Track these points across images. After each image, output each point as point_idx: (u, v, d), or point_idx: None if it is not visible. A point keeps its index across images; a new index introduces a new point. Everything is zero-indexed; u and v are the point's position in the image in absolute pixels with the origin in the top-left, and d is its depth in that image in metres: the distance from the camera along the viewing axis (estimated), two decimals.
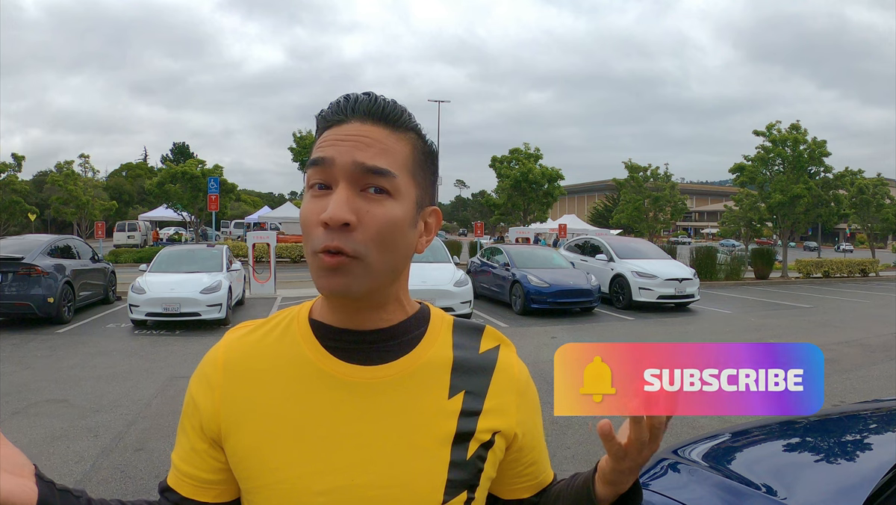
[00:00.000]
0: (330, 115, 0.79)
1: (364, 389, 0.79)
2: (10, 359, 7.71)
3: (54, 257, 10.70)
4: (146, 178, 40.70)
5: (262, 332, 0.85)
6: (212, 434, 0.81)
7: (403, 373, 0.80)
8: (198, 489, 0.83)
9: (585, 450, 4.70)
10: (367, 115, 0.77)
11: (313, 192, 0.76)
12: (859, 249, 45.83)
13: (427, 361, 0.82)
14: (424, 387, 0.81)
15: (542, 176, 26.14)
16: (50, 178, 26.68)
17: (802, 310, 13.77)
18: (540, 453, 0.93)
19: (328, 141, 0.77)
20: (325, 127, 0.79)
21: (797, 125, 22.14)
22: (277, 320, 0.86)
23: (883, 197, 28.35)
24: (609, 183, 37.52)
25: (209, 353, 0.86)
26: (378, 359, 0.80)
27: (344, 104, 0.78)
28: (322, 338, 0.81)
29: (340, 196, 0.74)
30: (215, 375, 0.82)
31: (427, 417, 0.79)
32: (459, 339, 0.86)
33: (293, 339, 0.82)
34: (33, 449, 4.58)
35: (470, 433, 0.81)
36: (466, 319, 0.91)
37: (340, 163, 0.75)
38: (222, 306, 10.20)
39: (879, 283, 22.09)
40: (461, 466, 0.80)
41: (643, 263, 13.62)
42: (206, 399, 0.82)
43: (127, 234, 35.64)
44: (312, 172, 0.77)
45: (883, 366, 7.65)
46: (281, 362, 0.81)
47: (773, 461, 1.92)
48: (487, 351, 0.87)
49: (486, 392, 0.84)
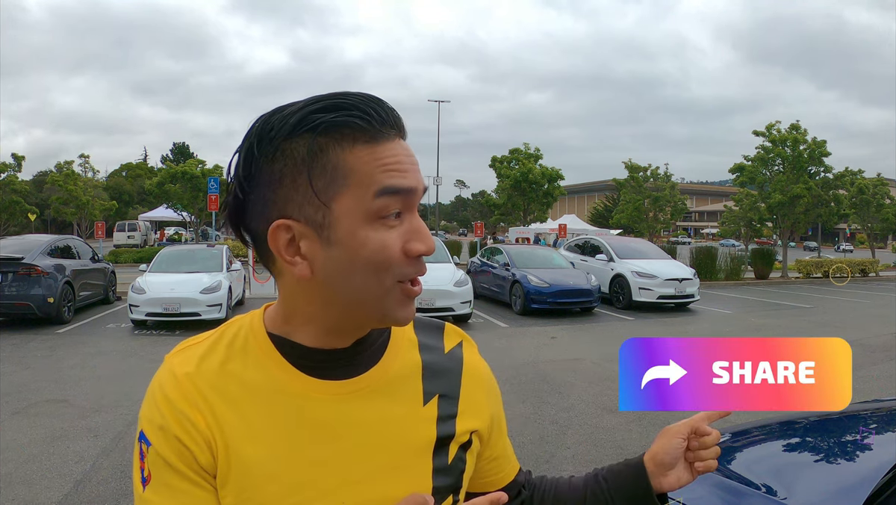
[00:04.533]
0: (377, 127, 0.68)
1: (339, 406, 0.74)
2: (10, 359, 7.71)
3: (54, 257, 10.70)
4: (146, 178, 40.66)
5: (219, 354, 0.75)
6: (211, 470, 0.72)
7: (376, 384, 0.76)
8: None
9: (585, 450, 4.70)
10: (400, 127, 0.71)
11: (390, 221, 0.68)
12: (859, 249, 45.79)
13: (397, 368, 0.79)
14: (397, 397, 0.77)
15: (542, 176, 26.13)
16: (50, 178, 26.67)
17: (802, 310, 13.77)
18: (504, 448, 0.92)
19: (402, 164, 0.68)
20: (366, 141, 0.67)
21: (797, 125, 22.14)
22: (229, 338, 0.77)
23: (883, 197, 28.32)
24: (609, 183, 37.50)
25: (171, 380, 0.73)
26: (347, 373, 0.75)
27: (388, 117, 0.69)
28: (288, 356, 0.74)
29: (423, 224, 0.71)
30: (190, 407, 0.71)
31: (405, 428, 0.77)
32: (423, 338, 0.84)
33: (255, 359, 0.74)
34: (33, 449, 4.58)
35: (449, 437, 0.79)
36: (424, 316, 0.87)
37: (419, 190, 0.70)
38: (222, 306, 10.21)
39: (879, 283, 22.09)
40: (444, 472, 0.78)
41: (643, 263, 13.61)
42: (191, 436, 0.71)
43: (127, 234, 35.63)
44: (391, 201, 0.67)
45: (883, 366, 7.65)
46: (249, 388, 0.73)
47: (773, 461, 1.92)
48: (452, 350, 0.85)
49: (458, 393, 0.82)
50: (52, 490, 3.88)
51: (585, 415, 5.54)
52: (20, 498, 3.78)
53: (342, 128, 0.66)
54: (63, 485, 3.96)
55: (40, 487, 3.92)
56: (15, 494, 3.83)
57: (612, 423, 5.31)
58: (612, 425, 5.25)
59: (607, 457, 4.55)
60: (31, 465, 4.29)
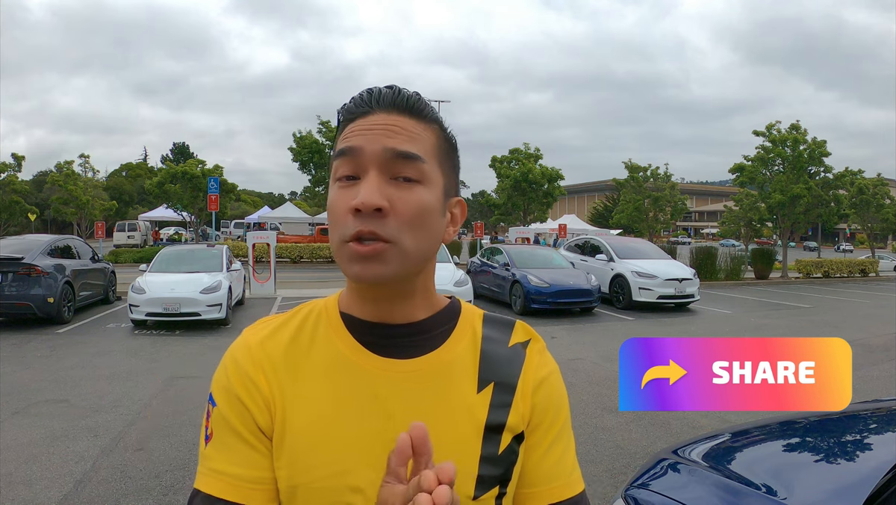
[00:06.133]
0: (354, 107, 0.78)
1: (396, 383, 0.78)
2: (10, 359, 7.71)
3: (54, 257, 10.69)
4: (146, 178, 40.69)
5: (291, 328, 0.82)
6: (269, 432, 0.78)
7: (433, 367, 0.80)
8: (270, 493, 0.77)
9: (586, 450, 4.69)
10: (393, 105, 0.77)
11: (341, 183, 0.76)
12: (859, 249, 45.79)
13: (456, 355, 0.81)
14: (453, 381, 0.80)
15: (542, 176, 26.14)
16: (50, 178, 26.67)
17: (802, 310, 13.77)
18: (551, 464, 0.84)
19: (355, 131, 0.76)
20: (349, 120, 0.78)
21: (797, 125, 22.14)
22: (303, 316, 0.84)
23: (883, 197, 28.35)
24: (609, 183, 37.52)
25: (243, 348, 0.81)
26: (408, 353, 0.80)
27: (367, 97, 0.78)
28: (355, 332, 0.80)
29: (371, 182, 0.73)
30: (257, 371, 0.79)
31: (456, 412, 0.78)
32: (489, 332, 0.85)
33: (325, 334, 0.81)
34: (33, 449, 4.58)
35: (501, 426, 0.79)
36: (497, 314, 0.90)
37: (370, 150, 0.74)
38: (222, 306, 10.18)
39: (879, 283, 22.09)
40: (493, 461, 0.78)
41: (643, 263, 13.61)
42: (253, 397, 0.78)
43: (127, 234, 35.64)
44: (340, 164, 0.76)
45: (883, 366, 7.65)
46: (315, 359, 0.80)
47: (772, 461, 1.92)
48: (516, 345, 0.85)
49: (515, 385, 0.82)
50: (52, 490, 3.88)
51: (585, 415, 5.54)
52: (20, 498, 3.78)
53: (342, 112, 0.79)
54: (63, 485, 3.96)
55: (40, 487, 3.92)
56: (15, 494, 3.83)
57: (612, 423, 5.31)
58: (612, 425, 5.25)
59: (607, 457, 4.55)
60: (31, 465, 4.29)
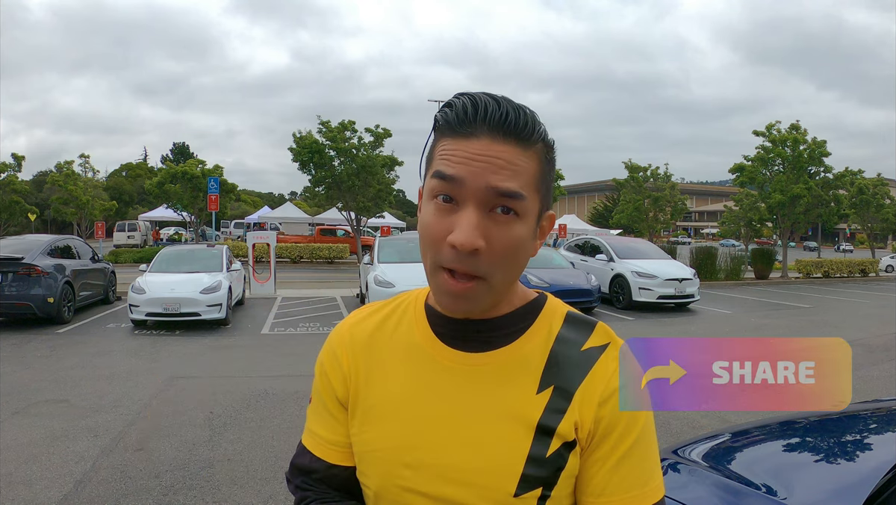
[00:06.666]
0: (457, 123, 0.74)
1: (461, 375, 0.82)
2: (10, 359, 7.71)
3: (54, 257, 10.69)
4: (146, 178, 40.66)
5: (383, 314, 0.91)
6: (345, 403, 0.89)
7: (498, 363, 0.82)
8: (346, 454, 0.90)
9: None
10: (499, 130, 0.73)
11: (437, 203, 0.75)
12: (859, 249, 45.78)
13: (524, 353, 0.82)
14: (515, 379, 0.81)
15: None
16: (50, 178, 26.65)
17: (802, 310, 13.77)
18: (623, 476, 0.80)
19: (457, 156, 0.73)
20: (450, 135, 0.75)
21: (797, 125, 22.14)
22: (397, 303, 0.92)
23: (883, 197, 28.33)
24: (609, 183, 37.48)
25: (337, 330, 0.93)
26: (478, 347, 0.83)
27: (473, 113, 0.74)
28: (432, 323, 0.86)
29: (471, 220, 0.72)
30: (343, 351, 0.90)
31: (512, 409, 0.79)
32: (566, 332, 0.84)
33: (409, 322, 0.88)
34: (33, 449, 4.58)
35: (552, 429, 0.79)
36: (582, 314, 0.87)
37: (472, 185, 0.72)
38: (222, 306, 10.18)
39: (879, 283, 22.08)
40: (539, 462, 0.78)
41: (643, 263, 13.61)
42: (335, 372, 0.90)
43: (127, 234, 35.63)
44: (438, 184, 0.74)
45: (883, 366, 7.65)
46: (395, 343, 0.88)
47: (772, 461, 1.92)
48: (590, 349, 0.82)
49: (575, 390, 0.80)
50: (52, 490, 3.88)
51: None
52: (20, 498, 3.77)
53: (441, 122, 0.77)
54: (63, 485, 3.96)
55: (40, 487, 3.92)
56: (15, 494, 3.83)
57: None
58: None
59: None
60: (31, 465, 4.29)
